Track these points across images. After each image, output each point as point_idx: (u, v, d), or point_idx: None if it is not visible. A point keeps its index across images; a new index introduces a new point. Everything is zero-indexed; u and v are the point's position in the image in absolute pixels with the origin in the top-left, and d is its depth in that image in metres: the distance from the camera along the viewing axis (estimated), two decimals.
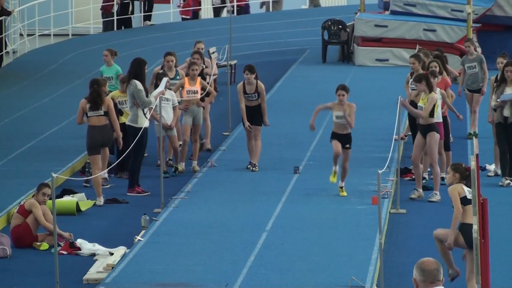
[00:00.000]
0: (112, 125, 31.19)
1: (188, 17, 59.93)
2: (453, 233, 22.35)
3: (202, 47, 34.73)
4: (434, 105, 30.21)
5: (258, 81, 32.11)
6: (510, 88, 29.56)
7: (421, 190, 30.93)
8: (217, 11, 61.16)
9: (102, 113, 30.04)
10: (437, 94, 30.58)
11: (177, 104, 32.15)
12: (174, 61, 34.86)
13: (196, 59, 33.61)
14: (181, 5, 57.06)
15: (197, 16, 61.02)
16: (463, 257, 22.54)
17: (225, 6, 61.29)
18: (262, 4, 58.35)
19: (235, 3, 61.85)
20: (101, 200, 30.57)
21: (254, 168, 31.81)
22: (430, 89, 30.64)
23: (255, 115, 31.55)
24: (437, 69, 31.16)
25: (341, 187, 26.32)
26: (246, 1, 61.84)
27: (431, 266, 14.14)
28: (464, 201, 22.48)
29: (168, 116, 31.29)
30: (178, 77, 35.36)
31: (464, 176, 22.93)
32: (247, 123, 32.43)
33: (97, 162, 30.33)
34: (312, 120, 27.43)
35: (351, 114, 25.01)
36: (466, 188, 22.45)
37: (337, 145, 25.44)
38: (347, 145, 25.48)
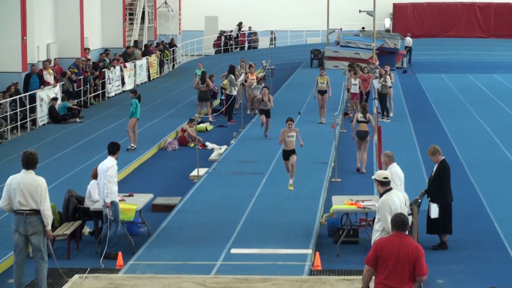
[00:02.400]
0: (209, 87, 32.71)
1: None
2: (353, 131, 22.58)
3: (253, 65, 36.19)
4: (328, 82, 30.51)
5: (269, 93, 27.83)
6: (383, 78, 30.80)
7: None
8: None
9: (205, 86, 31.81)
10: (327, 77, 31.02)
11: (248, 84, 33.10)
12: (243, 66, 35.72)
13: (252, 66, 34.18)
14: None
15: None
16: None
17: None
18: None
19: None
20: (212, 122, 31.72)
21: (266, 137, 27.16)
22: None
23: (266, 113, 26.81)
24: (359, 69, 31.56)
25: (291, 184, 19.89)
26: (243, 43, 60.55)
27: (390, 153, 14.72)
28: (359, 121, 22.49)
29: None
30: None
31: (362, 110, 22.81)
32: (259, 114, 28.46)
33: (201, 106, 32.15)
34: (281, 142, 20.38)
35: (298, 135, 19.80)
36: (359, 115, 22.66)
37: (287, 164, 19.99)
38: (293, 154, 19.60)
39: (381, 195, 11.88)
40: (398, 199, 11.83)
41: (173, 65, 52.36)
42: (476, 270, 14.34)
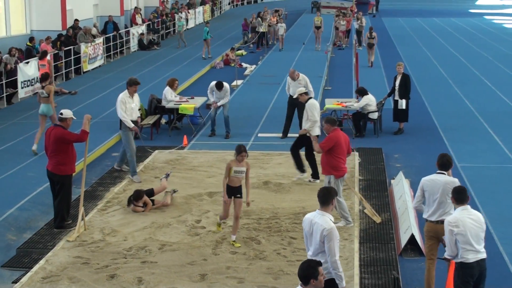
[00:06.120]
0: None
1: None
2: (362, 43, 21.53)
3: (281, 9, 33.89)
4: (321, 21, 28.62)
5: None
6: (359, 20, 28.99)
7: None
8: None
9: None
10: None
11: None
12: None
13: (278, 10, 32.44)
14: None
15: None
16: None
17: None
18: None
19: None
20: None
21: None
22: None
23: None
24: (347, 12, 30.06)
25: (234, 241, 8.72)
26: None
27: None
28: (369, 37, 21.97)
29: None
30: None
31: (369, 32, 22.03)
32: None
33: (246, 35, 30.51)
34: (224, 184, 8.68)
35: (248, 171, 8.60)
36: (368, 34, 21.79)
37: (227, 206, 8.76)
38: (239, 195, 8.63)
39: (306, 101, 11.49)
40: (317, 103, 11.65)
41: (220, 11, 50.84)
42: (419, 147, 14.11)
